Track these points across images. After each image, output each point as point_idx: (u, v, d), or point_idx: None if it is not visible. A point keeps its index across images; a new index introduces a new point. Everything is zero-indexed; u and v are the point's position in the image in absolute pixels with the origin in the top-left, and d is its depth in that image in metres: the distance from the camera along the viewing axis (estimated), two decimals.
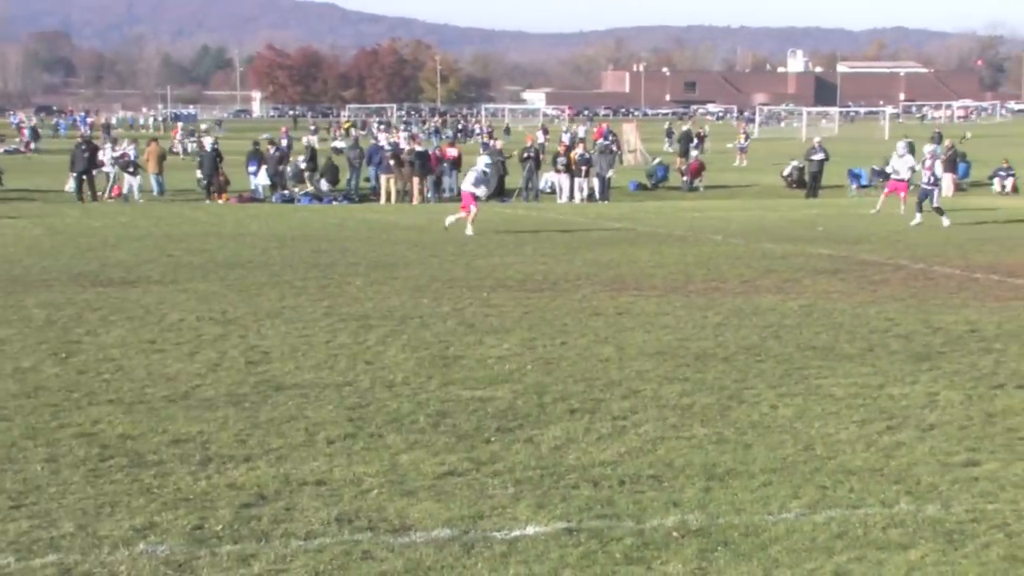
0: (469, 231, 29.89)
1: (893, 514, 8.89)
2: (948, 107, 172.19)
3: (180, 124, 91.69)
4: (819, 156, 47.99)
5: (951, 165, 46.87)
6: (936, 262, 24.13)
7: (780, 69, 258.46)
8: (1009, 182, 48.22)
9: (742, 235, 29.72)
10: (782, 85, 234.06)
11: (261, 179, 46.00)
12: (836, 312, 18.09)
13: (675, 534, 8.46)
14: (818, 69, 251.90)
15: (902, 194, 35.89)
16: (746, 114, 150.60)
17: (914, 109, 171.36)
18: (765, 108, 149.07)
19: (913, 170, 35.11)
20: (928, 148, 33.49)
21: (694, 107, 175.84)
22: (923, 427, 11.42)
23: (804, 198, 46.42)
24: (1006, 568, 7.84)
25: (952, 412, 11.99)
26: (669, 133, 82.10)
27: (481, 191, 30.39)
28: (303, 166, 47.27)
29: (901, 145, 37.05)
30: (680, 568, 7.87)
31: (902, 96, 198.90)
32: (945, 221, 32.09)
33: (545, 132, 53.26)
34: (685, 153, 59.56)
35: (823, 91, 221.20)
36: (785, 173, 51.42)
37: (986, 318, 17.43)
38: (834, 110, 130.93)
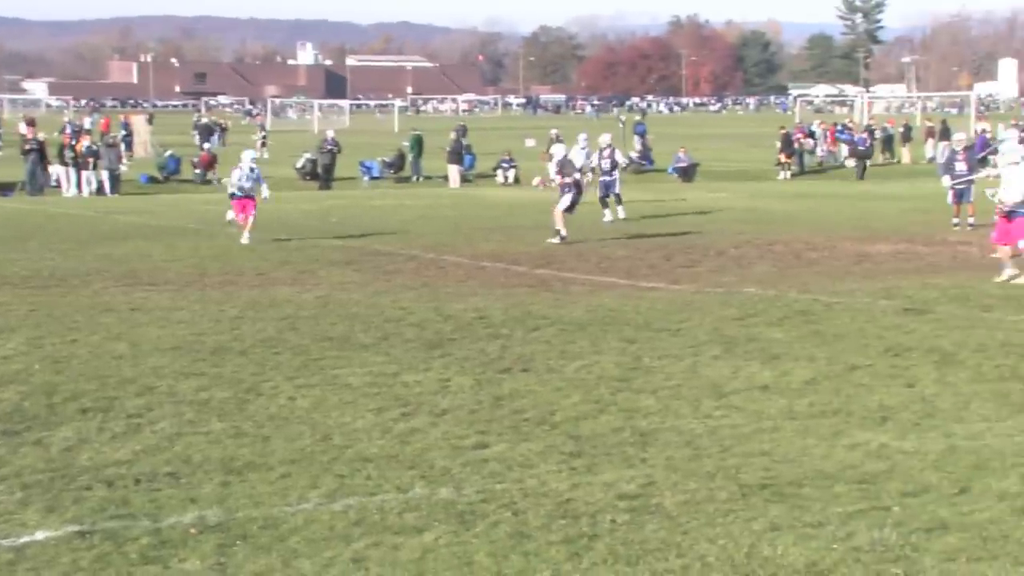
0: (244, 239, 26.25)
1: (408, 499, 9.11)
2: (454, 100, 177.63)
3: None
4: (331, 148, 48.61)
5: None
6: (446, 251, 24.88)
7: (291, 61, 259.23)
8: (512, 173, 50.26)
9: (256, 227, 29.61)
10: (293, 77, 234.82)
11: None
12: (351, 302, 18.34)
13: (193, 531, 8.36)
14: (328, 62, 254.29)
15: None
16: (257, 106, 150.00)
17: (421, 102, 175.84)
18: (277, 100, 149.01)
19: (588, 160, 35.27)
20: (604, 138, 33.65)
21: (205, 98, 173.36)
22: (436, 412, 11.76)
23: (318, 190, 46.79)
24: (513, 544, 8.19)
25: (463, 397, 12.41)
26: (197, 125, 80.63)
27: (264, 193, 26.55)
28: None
29: (582, 137, 37.58)
30: (198, 565, 7.79)
31: (410, 89, 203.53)
32: (620, 212, 31.69)
33: (31, 124, 51.10)
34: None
35: (334, 83, 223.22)
36: (298, 165, 51.59)
37: (493, 304, 18.12)
38: (345, 103, 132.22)
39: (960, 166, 29.11)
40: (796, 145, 54.34)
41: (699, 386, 12.88)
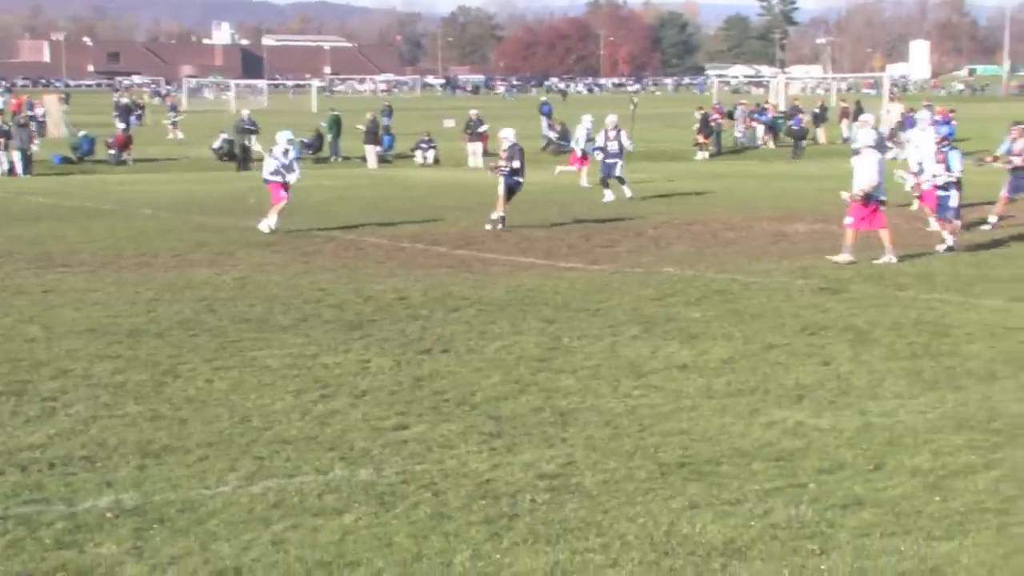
0: (265, 224, 24.57)
1: (328, 480, 9.09)
2: (372, 81, 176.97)
3: None
4: (250, 128, 48.23)
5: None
6: (365, 232, 24.78)
7: (206, 41, 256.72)
8: (431, 154, 50.16)
9: (173, 208, 29.38)
10: (209, 57, 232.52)
11: None
12: (270, 284, 18.24)
13: (109, 515, 8.29)
14: (244, 41, 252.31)
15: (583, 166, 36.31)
16: (173, 85, 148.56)
17: (338, 82, 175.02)
18: (192, 80, 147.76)
19: (592, 140, 34.89)
20: (611, 119, 33.53)
21: (119, 78, 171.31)
22: (356, 394, 11.73)
23: (235, 171, 46.43)
24: (433, 525, 8.20)
25: (383, 378, 12.39)
26: (118, 106, 79.57)
27: (292, 176, 24.82)
28: None
29: (586, 118, 37.32)
30: (115, 549, 7.72)
31: (328, 69, 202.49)
32: (626, 192, 31.97)
33: None
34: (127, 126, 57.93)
35: (250, 63, 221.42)
36: (215, 146, 51.17)
37: (412, 285, 18.10)
38: (262, 83, 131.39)
39: None
40: (713, 125, 54.65)
41: (618, 366, 12.94)
